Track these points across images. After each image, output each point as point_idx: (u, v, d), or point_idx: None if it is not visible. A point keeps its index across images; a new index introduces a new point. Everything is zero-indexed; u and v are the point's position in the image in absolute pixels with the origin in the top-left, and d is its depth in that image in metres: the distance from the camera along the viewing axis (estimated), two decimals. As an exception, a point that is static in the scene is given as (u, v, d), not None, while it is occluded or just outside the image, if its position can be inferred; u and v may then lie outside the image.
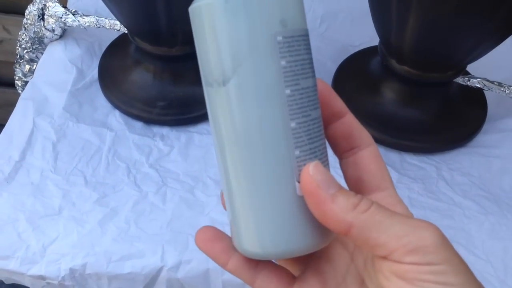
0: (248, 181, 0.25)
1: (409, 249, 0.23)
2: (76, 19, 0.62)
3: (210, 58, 0.24)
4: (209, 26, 0.24)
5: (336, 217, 0.24)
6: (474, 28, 0.48)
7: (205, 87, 0.26)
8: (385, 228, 0.23)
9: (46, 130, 0.56)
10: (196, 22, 0.25)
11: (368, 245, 0.24)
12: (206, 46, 0.25)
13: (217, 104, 0.25)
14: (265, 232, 0.25)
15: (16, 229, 0.47)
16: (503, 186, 0.54)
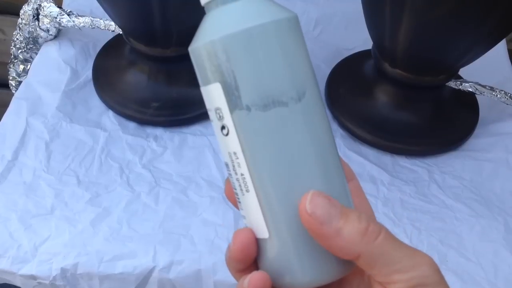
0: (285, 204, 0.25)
1: (409, 284, 0.23)
2: (71, 19, 0.62)
3: (281, 77, 0.24)
4: (281, 46, 0.24)
5: (344, 249, 0.24)
6: (467, 32, 0.49)
7: (263, 112, 0.24)
8: (392, 261, 0.24)
9: (39, 129, 0.56)
10: (256, 44, 0.24)
11: (371, 273, 0.24)
12: (275, 66, 0.24)
13: (290, 123, 0.24)
14: (300, 263, 0.25)
15: (8, 228, 0.47)
16: (494, 189, 0.54)
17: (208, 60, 0.25)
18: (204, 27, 0.26)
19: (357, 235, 0.23)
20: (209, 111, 0.26)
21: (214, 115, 0.25)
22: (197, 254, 0.47)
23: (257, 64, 0.24)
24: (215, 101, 0.25)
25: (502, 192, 0.54)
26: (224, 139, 0.25)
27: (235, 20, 0.24)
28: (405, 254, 0.24)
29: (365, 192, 0.29)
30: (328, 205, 0.24)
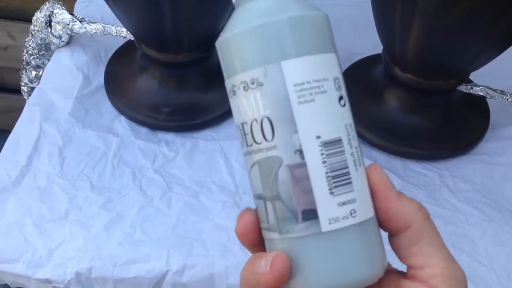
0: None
1: (443, 272, 0.24)
2: (83, 26, 0.62)
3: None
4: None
5: (399, 215, 0.25)
6: (478, 37, 0.49)
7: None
8: (435, 243, 0.25)
9: (52, 135, 0.56)
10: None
11: (409, 251, 0.25)
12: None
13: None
14: (336, 264, 0.25)
15: (23, 233, 0.48)
16: (506, 193, 0.54)
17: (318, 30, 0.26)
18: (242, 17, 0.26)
19: (414, 207, 0.25)
20: (324, 81, 0.25)
21: (331, 86, 0.25)
22: (210, 258, 0.47)
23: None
24: (333, 71, 0.25)
25: (513, 196, 0.54)
26: (341, 110, 0.25)
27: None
28: (447, 249, 0.25)
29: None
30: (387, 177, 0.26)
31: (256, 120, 0.25)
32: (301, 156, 0.24)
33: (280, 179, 0.24)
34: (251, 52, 0.25)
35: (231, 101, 0.26)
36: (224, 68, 0.26)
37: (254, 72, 0.25)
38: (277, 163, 0.24)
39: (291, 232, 0.24)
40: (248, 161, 0.26)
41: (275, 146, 0.24)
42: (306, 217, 0.24)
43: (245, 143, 0.26)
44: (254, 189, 0.26)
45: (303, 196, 0.24)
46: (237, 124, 0.26)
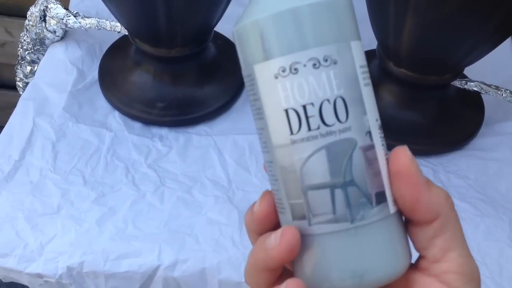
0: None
1: (458, 269, 0.23)
2: (77, 20, 0.62)
3: None
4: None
5: (430, 206, 0.23)
6: (471, 31, 0.49)
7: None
8: (457, 239, 0.24)
9: (46, 130, 0.56)
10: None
11: (430, 242, 0.24)
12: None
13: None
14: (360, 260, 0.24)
15: (15, 228, 0.48)
16: (499, 188, 0.54)
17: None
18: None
19: (443, 196, 0.24)
20: (367, 67, 0.25)
21: (362, 72, 0.24)
22: (202, 253, 0.47)
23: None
24: (363, 58, 0.25)
25: (507, 191, 0.54)
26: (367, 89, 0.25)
27: None
28: (467, 246, 0.24)
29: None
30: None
31: (328, 100, 0.23)
32: (370, 137, 0.24)
33: (354, 162, 0.23)
34: (324, 27, 0.23)
35: (278, 81, 0.23)
36: (268, 46, 0.23)
37: (327, 49, 0.23)
38: (351, 145, 0.23)
39: (367, 218, 0.23)
40: (305, 147, 0.23)
41: (350, 128, 0.23)
42: (378, 200, 0.24)
43: (304, 127, 0.23)
44: (313, 178, 0.24)
45: (375, 178, 0.24)
46: (286, 108, 0.23)
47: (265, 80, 0.24)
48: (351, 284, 0.24)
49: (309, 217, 0.24)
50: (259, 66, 0.24)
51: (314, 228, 0.24)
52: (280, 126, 0.24)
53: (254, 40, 0.24)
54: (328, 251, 0.24)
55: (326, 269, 0.24)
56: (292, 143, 0.24)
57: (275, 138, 0.24)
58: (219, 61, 0.62)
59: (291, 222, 0.24)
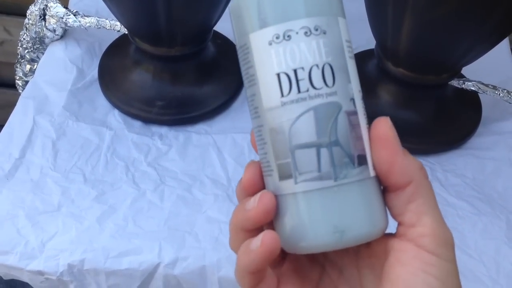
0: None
1: (433, 232, 0.25)
2: (77, 19, 0.62)
3: None
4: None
5: (404, 170, 0.25)
6: (469, 31, 0.49)
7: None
8: (430, 204, 0.25)
9: (46, 128, 0.56)
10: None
11: (405, 208, 0.25)
12: None
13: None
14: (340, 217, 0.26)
15: (16, 225, 0.48)
16: (497, 187, 0.55)
17: None
18: None
19: (417, 165, 0.26)
20: (350, 43, 0.27)
21: (347, 46, 0.27)
22: (202, 250, 0.48)
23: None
24: (348, 34, 0.27)
25: (504, 190, 0.55)
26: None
27: None
28: (440, 213, 0.26)
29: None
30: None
31: (317, 65, 0.25)
32: (354, 104, 0.26)
33: (339, 125, 0.25)
34: (317, 0, 0.26)
35: (272, 48, 0.25)
36: (265, 15, 0.26)
37: (319, 20, 0.25)
38: (337, 108, 0.25)
39: (349, 177, 0.25)
40: (294, 109, 0.25)
41: (336, 92, 0.25)
42: (360, 161, 0.26)
43: (294, 89, 0.25)
44: (300, 138, 0.25)
45: (357, 142, 0.26)
46: (278, 72, 0.25)
47: (260, 47, 0.26)
48: (332, 239, 0.25)
49: (295, 175, 0.26)
50: (254, 35, 0.26)
51: (299, 185, 0.26)
52: (271, 89, 0.26)
53: (251, 11, 0.26)
54: (311, 208, 0.26)
55: (307, 227, 0.26)
56: (283, 105, 0.26)
57: (266, 101, 0.26)
58: (218, 60, 0.63)
59: (278, 183, 0.26)
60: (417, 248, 0.25)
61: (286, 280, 0.29)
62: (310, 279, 0.29)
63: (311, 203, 0.25)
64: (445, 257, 0.25)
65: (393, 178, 0.25)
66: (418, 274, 0.24)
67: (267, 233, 0.25)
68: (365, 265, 0.28)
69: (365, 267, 0.28)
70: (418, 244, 0.25)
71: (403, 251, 0.25)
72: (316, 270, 0.30)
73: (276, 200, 0.26)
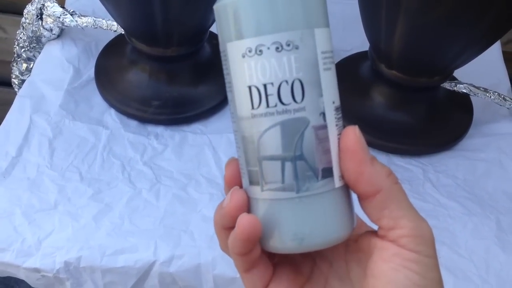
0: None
1: (410, 233, 0.26)
2: (74, 19, 0.63)
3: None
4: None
5: (372, 179, 0.26)
6: (460, 35, 0.50)
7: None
8: (404, 207, 0.26)
9: (42, 127, 0.57)
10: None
11: (380, 214, 0.26)
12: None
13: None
14: (307, 224, 0.27)
15: (12, 223, 0.49)
16: (487, 188, 0.56)
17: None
18: None
19: (384, 172, 0.26)
20: (332, 53, 0.27)
21: (334, 58, 0.27)
22: (197, 249, 0.48)
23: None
24: (326, 44, 0.27)
25: (494, 191, 0.55)
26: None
27: None
28: (415, 211, 0.27)
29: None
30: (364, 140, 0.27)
31: (286, 81, 0.25)
32: (324, 118, 0.26)
33: (305, 140, 0.26)
34: (290, 14, 0.25)
35: (245, 61, 0.26)
36: (239, 27, 0.26)
37: (291, 35, 0.25)
38: (304, 124, 0.26)
39: (311, 190, 0.26)
40: (262, 122, 0.26)
41: (304, 108, 0.26)
42: (324, 175, 0.26)
43: (263, 104, 0.26)
44: (266, 150, 0.26)
45: (323, 156, 0.26)
46: (249, 85, 0.26)
47: (235, 58, 0.26)
48: (291, 245, 0.27)
49: (261, 183, 0.27)
50: (230, 45, 0.26)
51: (265, 193, 0.27)
52: (244, 100, 0.26)
53: (229, 20, 0.26)
54: (275, 215, 0.27)
55: (272, 230, 0.27)
56: (253, 117, 0.26)
57: (239, 110, 0.27)
58: (214, 61, 0.63)
59: (248, 186, 0.28)
60: (397, 247, 0.26)
61: (279, 272, 0.30)
62: (302, 271, 0.30)
63: (274, 211, 0.27)
64: (425, 254, 0.26)
65: (361, 188, 0.26)
66: (399, 269, 0.26)
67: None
68: (353, 259, 0.29)
69: (352, 260, 0.29)
70: (398, 244, 0.26)
71: (385, 249, 0.26)
72: (308, 262, 0.31)
73: (247, 198, 0.27)
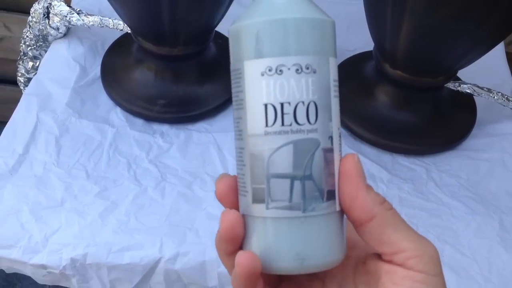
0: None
1: (415, 253, 0.26)
2: (81, 18, 0.63)
3: None
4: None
5: (365, 204, 0.26)
6: (465, 35, 0.50)
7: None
8: (401, 229, 0.27)
9: (49, 125, 0.57)
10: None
11: (380, 240, 0.27)
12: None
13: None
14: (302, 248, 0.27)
15: (19, 220, 0.49)
16: (490, 188, 0.56)
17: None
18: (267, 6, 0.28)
19: (378, 200, 0.27)
20: (338, 82, 0.28)
21: (334, 85, 0.28)
22: (202, 246, 0.49)
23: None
24: (336, 74, 0.28)
25: (497, 191, 0.56)
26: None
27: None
28: (411, 229, 0.27)
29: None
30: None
31: (303, 102, 0.26)
32: (331, 142, 0.27)
33: (315, 161, 0.27)
34: (311, 40, 0.27)
35: (263, 79, 0.27)
36: (261, 47, 0.27)
37: (311, 59, 0.27)
38: (315, 145, 0.27)
39: (317, 210, 0.27)
40: (275, 140, 0.27)
41: (316, 129, 0.27)
42: (329, 197, 0.27)
43: (279, 122, 0.27)
44: (277, 168, 0.27)
45: (329, 178, 0.27)
46: (266, 103, 0.27)
47: (252, 76, 0.27)
48: (293, 265, 0.27)
49: (267, 201, 0.27)
50: (248, 63, 0.27)
51: (270, 211, 0.27)
52: (257, 117, 0.27)
53: (250, 39, 0.27)
54: (279, 234, 0.27)
55: (273, 250, 0.27)
56: (266, 134, 0.27)
57: (250, 128, 0.27)
58: (219, 60, 0.64)
59: (250, 204, 0.28)
60: (406, 270, 0.26)
61: None
62: None
63: (279, 230, 0.27)
64: (432, 273, 0.26)
65: (355, 213, 0.27)
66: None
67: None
68: (361, 281, 0.29)
69: (361, 282, 0.29)
70: (406, 266, 0.26)
71: (393, 272, 0.27)
72: (317, 285, 0.30)
73: (243, 219, 0.28)
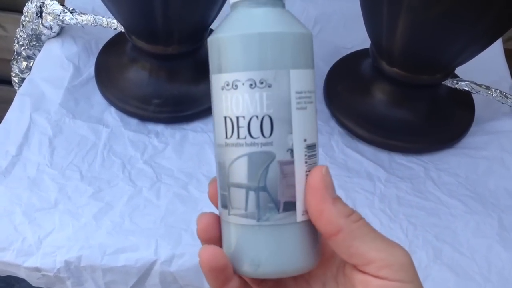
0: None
1: (385, 263, 0.26)
2: (74, 17, 0.63)
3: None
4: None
5: (331, 218, 0.26)
6: (462, 32, 0.50)
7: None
8: (369, 240, 0.26)
9: (42, 125, 0.57)
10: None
11: (348, 252, 0.26)
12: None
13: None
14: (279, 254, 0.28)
15: (13, 222, 0.48)
16: (489, 186, 0.56)
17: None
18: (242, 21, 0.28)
19: (344, 212, 0.27)
20: (312, 93, 0.29)
21: (314, 98, 0.29)
22: (198, 247, 0.47)
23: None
24: (314, 85, 0.29)
25: (496, 189, 0.55)
26: (316, 119, 0.29)
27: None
28: (380, 237, 0.27)
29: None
30: (332, 182, 0.27)
31: (257, 116, 0.27)
32: (291, 155, 0.27)
33: (270, 173, 0.27)
34: (265, 54, 0.27)
35: (223, 93, 0.28)
36: (221, 62, 0.28)
37: (265, 74, 0.27)
38: (270, 158, 0.27)
39: (271, 220, 0.28)
40: (233, 151, 0.28)
41: (271, 143, 0.27)
42: (286, 208, 0.28)
43: (235, 135, 0.27)
44: (234, 178, 0.28)
45: (286, 190, 0.28)
46: (225, 116, 0.28)
47: (216, 89, 0.28)
48: (248, 270, 0.28)
49: (229, 208, 0.29)
50: (213, 77, 0.29)
51: (231, 217, 0.29)
52: (220, 129, 0.28)
53: (213, 54, 0.29)
54: (238, 239, 0.29)
55: (235, 253, 0.29)
56: (226, 145, 0.28)
57: (217, 138, 0.29)
58: (214, 58, 0.63)
59: (220, 208, 0.30)
60: (380, 280, 0.26)
61: None
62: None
63: (237, 235, 0.28)
64: (406, 280, 0.26)
65: (322, 226, 0.27)
66: None
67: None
68: (342, 283, 0.29)
69: (341, 284, 0.29)
70: (379, 276, 0.26)
71: (367, 282, 0.26)
72: (302, 284, 0.31)
73: (215, 220, 0.30)
